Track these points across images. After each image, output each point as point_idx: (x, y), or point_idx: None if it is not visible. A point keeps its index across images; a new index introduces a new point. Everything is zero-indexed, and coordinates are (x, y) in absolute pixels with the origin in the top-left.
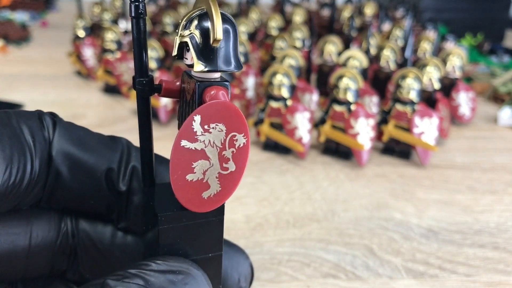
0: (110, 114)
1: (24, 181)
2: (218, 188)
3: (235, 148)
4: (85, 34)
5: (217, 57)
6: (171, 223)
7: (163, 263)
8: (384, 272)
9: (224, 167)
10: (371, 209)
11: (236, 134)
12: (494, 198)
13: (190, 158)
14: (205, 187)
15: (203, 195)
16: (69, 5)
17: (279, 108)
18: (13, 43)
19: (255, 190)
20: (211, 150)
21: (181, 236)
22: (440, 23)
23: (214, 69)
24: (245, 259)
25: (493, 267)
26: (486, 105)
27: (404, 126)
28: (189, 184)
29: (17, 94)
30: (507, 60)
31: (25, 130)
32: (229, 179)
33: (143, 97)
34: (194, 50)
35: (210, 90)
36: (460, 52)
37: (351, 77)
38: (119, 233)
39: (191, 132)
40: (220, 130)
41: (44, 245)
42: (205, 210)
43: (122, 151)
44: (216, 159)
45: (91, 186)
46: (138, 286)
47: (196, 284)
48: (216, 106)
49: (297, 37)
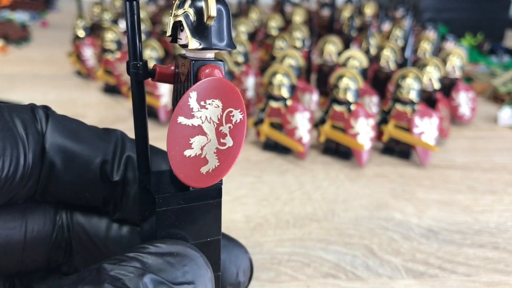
0: (110, 114)
1: (18, 173)
2: (216, 163)
3: (232, 123)
4: (85, 34)
5: (211, 35)
6: (168, 205)
7: (161, 246)
8: (384, 272)
9: (221, 142)
10: (371, 209)
11: (232, 110)
12: (494, 198)
13: (187, 134)
14: (203, 162)
15: (202, 170)
16: (69, 5)
17: (279, 108)
18: (13, 43)
19: (255, 190)
20: (208, 126)
21: (179, 219)
22: (440, 23)
23: (208, 46)
24: (244, 253)
25: (493, 267)
26: (486, 105)
27: (404, 126)
28: (187, 160)
29: (17, 94)
30: (507, 60)
31: (17, 123)
32: (227, 154)
33: (137, 81)
34: (188, 28)
35: (205, 68)
36: (460, 52)
37: (351, 77)
38: (114, 226)
39: (187, 109)
40: (217, 106)
41: (40, 239)
42: (204, 185)
43: (116, 141)
44: (214, 135)
45: (86, 178)
46: (135, 268)
47: (195, 265)
48: (212, 82)
49: (297, 37)
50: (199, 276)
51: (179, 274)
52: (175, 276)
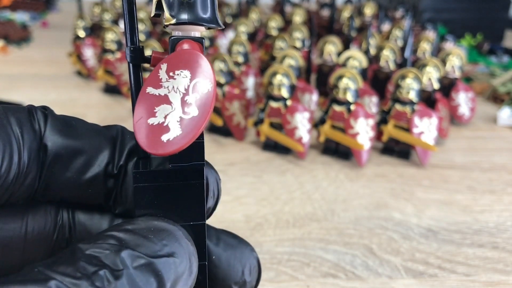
0: (110, 114)
1: (11, 172)
2: (178, 131)
3: (198, 93)
4: (85, 34)
5: (192, 11)
6: (146, 181)
7: (137, 222)
8: (383, 271)
9: (185, 111)
10: (371, 209)
11: (200, 80)
12: (494, 198)
13: (153, 103)
14: (165, 130)
15: (162, 138)
16: (70, 6)
17: (279, 108)
18: (13, 43)
19: (255, 190)
20: (174, 95)
21: (158, 198)
22: (440, 23)
23: (183, 21)
24: (250, 252)
25: (492, 267)
26: (485, 105)
27: (403, 126)
28: (150, 127)
29: (17, 94)
30: (506, 60)
31: (12, 121)
32: (191, 123)
33: (135, 65)
34: (165, 3)
35: (182, 43)
36: (460, 52)
37: (350, 77)
38: (117, 222)
39: (157, 79)
40: (185, 76)
41: (40, 239)
42: (164, 152)
43: (117, 135)
44: (179, 104)
45: (88, 174)
46: (111, 245)
47: (173, 238)
48: (183, 54)
49: (297, 37)
50: (179, 248)
51: (157, 247)
52: (154, 250)
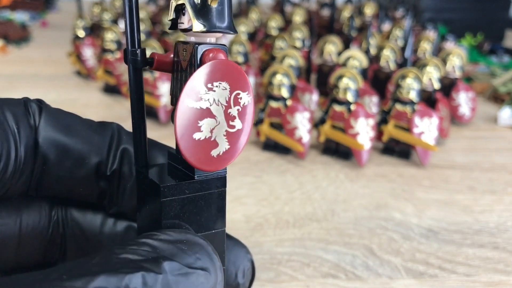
0: (110, 114)
1: (9, 168)
2: (226, 146)
3: (240, 106)
4: (85, 34)
5: (214, 17)
6: (174, 194)
7: (170, 233)
8: (384, 272)
9: (230, 125)
10: (371, 209)
11: (240, 92)
12: (494, 198)
13: (196, 117)
14: (213, 145)
15: (212, 153)
16: (69, 5)
17: (279, 108)
18: (13, 43)
19: (255, 190)
20: (217, 108)
21: (184, 209)
22: (440, 23)
23: (212, 28)
24: (244, 254)
25: (493, 267)
26: (486, 105)
27: (404, 126)
28: (197, 143)
29: (17, 94)
30: (507, 60)
31: (9, 116)
32: (237, 137)
33: (136, 68)
34: (192, 10)
35: (209, 52)
36: (460, 52)
37: (351, 77)
38: (109, 222)
39: (195, 91)
40: (224, 88)
41: (35, 234)
42: (216, 168)
43: (112, 134)
44: (222, 117)
45: (80, 173)
46: (147, 252)
47: (206, 253)
48: (219, 64)
49: (297, 37)
50: (210, 263)
51: (191, 260)
52: (188, 262)
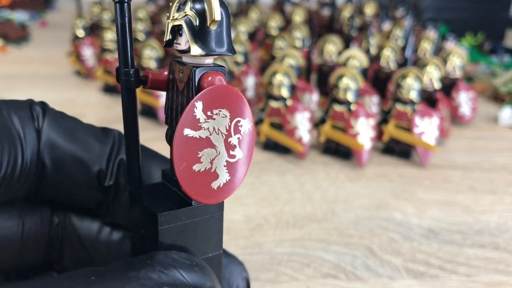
0: (109, 114)
1: (15, 173)
2: (227, 177)
3: (240, 134)
4: (84, 34)
5: (212, 40)
6: (171, 222)
7: (181, 254)
8: (384, 272)
9: (231, 154)
10: (371, 209)
11: (240, 119)
12: (495, 198)
13: (195, 148)
14: (214, 177)
15: (213, 186)
16: (69, 5)
17: (279, 108)
18: (12, 43)
19: (255, 190)
20: (217, 138)
21: (181, 236)
22: (441, 23)
23: (211, 52)
24: (240, 272)
25: (494, 267)
26: (486, 105)
27: (404, 126)
28: (197, 175)
29: (16, 93)
30: (507, 59)
31: (15, 121)
32: (237, 167)
33: (129, 88)
34: (189, 33)
35: (207, 76)
36: (461, 51)
37: (351, 77)
38: (105, 230)
39: (193, 120)
40: (224, 116)
41: (37, 238)
42: (216, 201)
43: (113, 144)
44: (223, 147)
45: (79, 180)
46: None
47: (212, 276)
48: (218, 90)
49: (297, 37)
50: (217, 286)
51: (203, 281)
52: (202, 282)
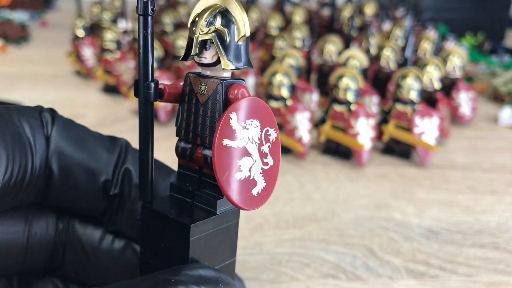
0: (109, 114)
1: (25, 180)
2: (263, 183)
3: (270, 142)
4: (84, 34)
5: (240, 54)
6: (201, 232)
7: (207, 270)
8: (384, 272)
9: (264, 162)
10: (372, 209)
11: (269, 128)
12: (495, 198)
13: (234, 157)
14: (253, 184)
15: (253, 192)
16: (69, 5)
17: (279, 108)
18: (12, 43)
19: None
20: (252, 147)
21: (207, 245)
22: (441, 23)
23: (239, 66)
24: None
25: (494, 267)
26: (486, 105)
27: (404, 126)
28: (239, 183)
29: (16, 93)
30: (507, 59)
31: (26, 128)
32: (271, 173)
33: (149, 101)
34: (221, 47)
35: (233, 89)
36: (461, 51)
37: (351, 77)
38: (107, 237)
39: (230, 130)
40: (256, 126)
41: (42, 243)
42: (257, 207)
43: (120, 153)
44: (257, 155)
45: (84, 189)
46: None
47: None
48: (249, 102)
49: (297, 37)
50: None
51: None
52: None
